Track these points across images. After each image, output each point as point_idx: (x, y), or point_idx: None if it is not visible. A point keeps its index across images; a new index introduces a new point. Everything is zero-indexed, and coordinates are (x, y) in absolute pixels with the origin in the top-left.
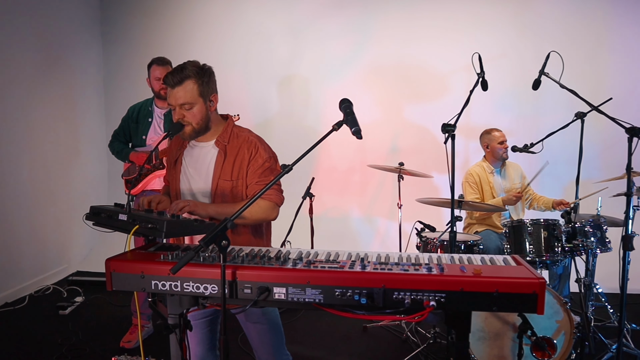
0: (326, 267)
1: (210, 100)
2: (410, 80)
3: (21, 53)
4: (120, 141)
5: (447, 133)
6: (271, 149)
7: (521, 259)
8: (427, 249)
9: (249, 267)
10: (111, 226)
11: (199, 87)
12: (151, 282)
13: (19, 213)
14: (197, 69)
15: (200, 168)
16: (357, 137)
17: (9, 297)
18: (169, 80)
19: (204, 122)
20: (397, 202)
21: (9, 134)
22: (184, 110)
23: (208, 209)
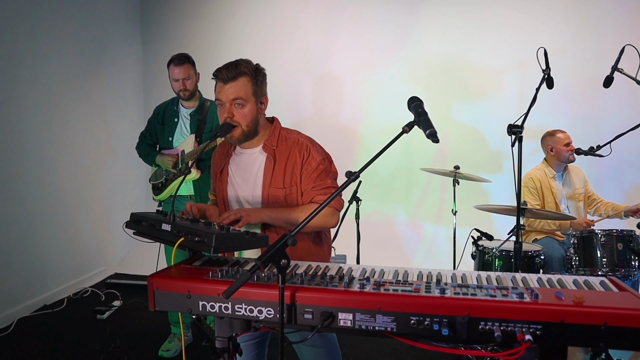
0: (399, 291)
1: (261, 102)
2: (458, 77)
3: (60, 52)
4: (147, 143)
5: (514, 135)
6: (324, 149)
7: (622, 283)
8: (484, 259)
9: (310, 289)
10: (153, 236)
11: (252, 85)
12: (198, 303)
13: (57, 214)
14: (252, 67)
15: (247, 177)
16: (433, 140)
17: (47, 299)
18: (222, 75)
19: (253, 125)
20: (444, 206)
21: (47, 133)
22: (235, 108)
23: (262, 215)
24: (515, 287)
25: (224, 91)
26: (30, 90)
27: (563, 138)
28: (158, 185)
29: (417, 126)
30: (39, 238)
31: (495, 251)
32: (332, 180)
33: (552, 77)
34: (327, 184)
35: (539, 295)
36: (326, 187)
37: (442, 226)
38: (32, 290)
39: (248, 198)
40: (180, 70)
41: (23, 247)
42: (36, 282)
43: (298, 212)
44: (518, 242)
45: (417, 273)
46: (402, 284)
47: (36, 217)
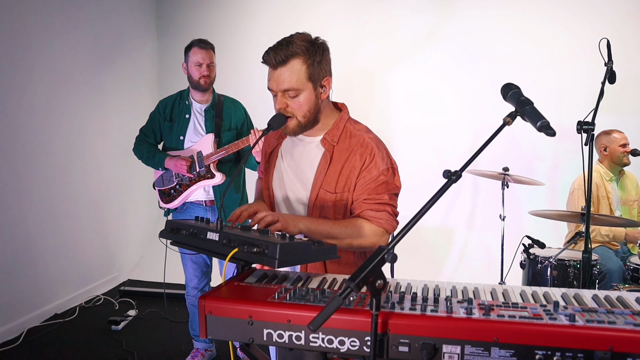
0: (517, 318)
1: (322, 86)
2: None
3: (73, 46)
4: (148, 143)
5: (586, 133)
6: (390, 156)
7: None
8: (536, 269)
9: (405, 315)
10: (195, 247)
11: (307, 68)
12: (262, 331)
13: (66, 217)
14: (307, 44)
15: (300, 170)
16: (547, 133)
17: (58, 308)
18: (270, 58)
19: (312, 114)
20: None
21: (57, 132)
22: (287, 98)
23: (300, 224)
24: None
25: (273, 79)
26: (41, 87)
27: (619, 138)
28: (168, 191)
29: (522, 118)
30: (48, 243)
31: (553, 260)
32: (390, 196)
33: (614, 72)
34: (383, 200)
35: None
36: (380, 203)
37: (473, 232)
38: (41, 299)
39: (297, 197)
40: (204, 55)
41: (31, 252)
42: (46, 289)
43: (342, 226)
44: (587, 250)
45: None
46: (513, 307)
47: (44, 221)
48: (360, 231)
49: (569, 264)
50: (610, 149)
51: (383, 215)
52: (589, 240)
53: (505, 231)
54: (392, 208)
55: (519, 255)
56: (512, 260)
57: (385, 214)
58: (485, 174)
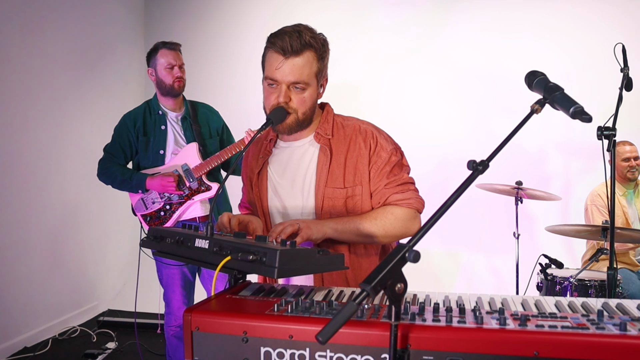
0: (559, 328)
1: (321, 85)
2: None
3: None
4: (118, 164)
5: (607, 138)
6: (392, 137)
7: None
8: (554, 290)
9: (428, 327)
10: (182, 256)
11: (317, 62)
12: (260, 350)
13: (41, 241)
14: (318, 38)
15: (295, 177)
16: (583, 119)
17: (28, 341)
18: (285, 44)
19: (311, 113)
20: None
21: (35, 147)
22: (292, 91)
23: (324, 228)
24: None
25: (282, 68)
26: (16, 96)
27: (625, 151)
28: (156, 214)
29: (550, 105)
30: (18, 268)
31: (573, 280)
32: (408, 175)
33: (630, 78)
34: (404, 179)
35: None
36: (403, 183)
37: (481, 254)
38: (9, 330)
39: (297, 206)
40: (175, 56)
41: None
42: (14, 320)
43: (371, 219)
44: (612, 267)
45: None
46: (551, 317)
47: (14, 243)
48: (395, 219)
49: (590, 284)
50: (616, 163)
51: (411, 194)
52: (614, 256)
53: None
54: (414, 186)
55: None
56: (528, 282)
57: (412, 192)
58: (497, 189)
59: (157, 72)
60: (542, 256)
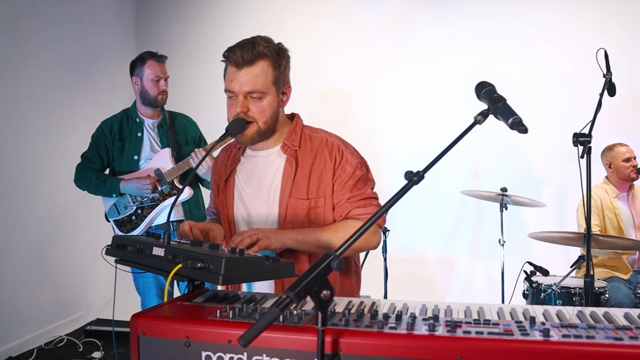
0: (485, 334)
1: (283, 93)
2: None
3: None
4: (94, 169)
5: (582, 145)
6: (358, 152)
7: None
8: (539, 299)
9: (359, 333)
10: (141, 264)
11: (274, 71)
12: (201, 354)
13: (27, 248)
14: (273, 47)
15: (260, 186)
16: (520, 130)
17: (13, 351)
18: (236, 56)
19: (273, 121)
20: (479, 237)
21: (25, 153)
22: (250, 101)
23: (284, 238)
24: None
25: (237, 79)
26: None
27: (624, 152)
28: (128, 219)
29: (494, 116)
30: (6, 276)
31: (556, 288)
32: (372, 190)
33: (614, 83)
34: (367, 194)
35: None
36: (366, 198)
37: (475, 261)
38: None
39: (262, 214)
40: (162, 68)
41: None
42: (0, 329)
43: (332, 231)
44: (589, 274)
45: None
46: (484, 324)
47: (2, 252)
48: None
49: (574, 292)
50: (615, 165)
51: (372, 209)
52: (590, 262)
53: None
54: (377, 201)
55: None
56: (513, 289)
57: (374, 207)
58: (482, 196)
59: (143, 82)
60: (526, 263)
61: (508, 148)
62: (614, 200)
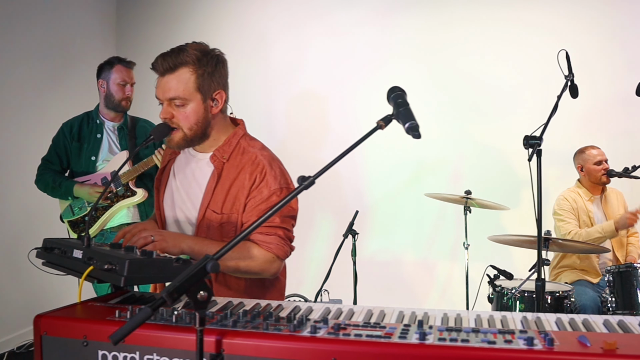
0: (363, 336)
1: (212, 99)
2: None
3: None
4: (53, 171)
5: (532, 147)
6: (286, 176)
7: None
8: (502, 303)
9: (243, 333)
10: (65, 267)
11: (197, 78)
12: (97, 353)
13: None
14: (199, 53)
15: (190, 188)
16: (414, 135)
17: None
18: (158, 65)
19: (199, 128)
20: (462, 241)
21: None
22: (173, 107)
23: (181, 244)
24: (524, 331)
25: (160, 86)
26: None
27: (594, 155)
28: (81, 220)
29: (396, 120)
30: None
31: (515, 292)
32: (283, 219)
33: (575, 85)
34: (274, 223)
35: (554, 340)
36: (271, 227)
37: (457, 266)
38: None
39: (187, 216)
40: (130, 74)
41: None
42: None
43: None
44: (540, 279)
45: (397, 314)
46: (371, 327)
47: None
48: (249, 255)
49: None
50: (586, 168)
51: (273, 239)
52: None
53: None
54: (285, 232)
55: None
56: (476, 294)
57: (276, 237)
58: (447, 198)
59: (109, 86)
60: (489, 267)
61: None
62: (587, 203)
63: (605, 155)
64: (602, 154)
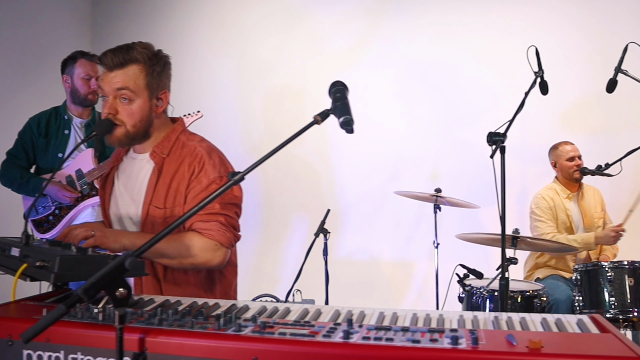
0: (287, 335)
1: (158, 98)
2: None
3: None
4: (20, 166)
5: (495, 144)
6: (227, 164)
7: (606, 322)
8: (471, 302)
9: (166, 332)
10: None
11: (146, 76)
12: (22, 353)
13: None
14: (149, 53)
15: (132, 188)
16: (347, 130)
17: None
18: (107, 60)
19: (143, 125)
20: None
21: None
22: (119, 102)
23: (123, 239)
24: (454, 330)
25: (106, 80)
26: None
27: (567, 150)
28: (45, 219)
29: (333, 115)
30: None
31: (484, 291)
32: (224, 206)
33: (545, 81)
34: (214, 209)
35: (479, 339)
36: (211, 213)
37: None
38: None
39: (131, 216)
40: (94, 67)
41: None
42: None
43: (170, 241)
44: (504, 277)
45: (333, 312)
46: (299, 325)
47: None
48: (190, 246)
49: None
50: (559, 164)
51: (214, 225)
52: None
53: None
54: (227, 218)
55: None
56: (446, 293)
57: (217, 224)
58: (417, 196)
59: (73, 81)
60: (459, 266)
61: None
62: (565, 201)
63: (579, 152)
64: (575, 150)
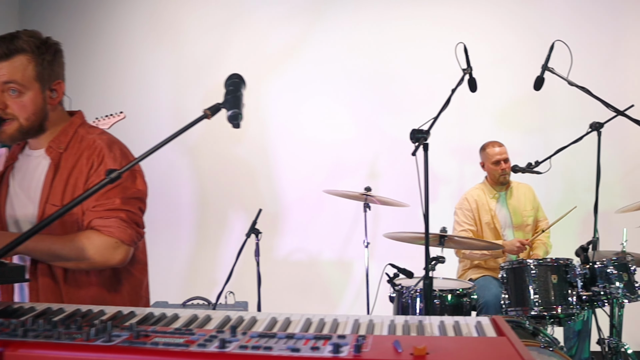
0: (159, 345)
1: (52, 89)
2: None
3: None
4: None
5: (417, 141)
6: (129, 156)
7: (505, 325)
8: (401, 302)
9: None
10: None
11: (36, 66)
12: None
13: None
14: (37, 42)
15: (28, 186)
16: (233, 124)
17: None
18: None
19: (37, 119)
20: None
21: None
22: (8, 96)
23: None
24: (342, 336)
25: None
26: None
27: (494, 154)
28: None
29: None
30: None
31: (412, 291)
32: (125, 201)
33: (474, 78)
34: (114, 205)
35: (363, 347)
36: (111, 209)
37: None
38: None
39: (27, 216)
40: None
41: None
42: None
43: (65, 242)
44: (427, 277)
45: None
46: (179, 334)
47: None
48: (87, 245)
49: (435, 295)
50: (486, 167)
51: (113, 222)
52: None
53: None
54: (129, 214)
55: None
56: (376, 293)
57: (117, 220)
58: (346, 195)
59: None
60: (389, 265)
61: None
62: (490, 201)
63: (506, 154)
64: (502, 153)
